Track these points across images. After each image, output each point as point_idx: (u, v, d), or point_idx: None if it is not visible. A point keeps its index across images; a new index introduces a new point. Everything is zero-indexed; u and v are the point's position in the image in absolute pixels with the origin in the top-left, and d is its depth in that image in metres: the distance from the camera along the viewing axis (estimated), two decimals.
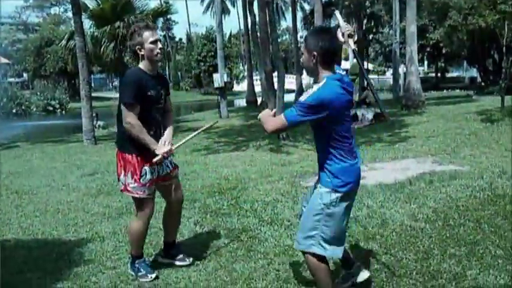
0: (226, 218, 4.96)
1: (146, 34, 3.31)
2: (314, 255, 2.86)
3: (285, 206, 5.36)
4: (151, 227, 4.12)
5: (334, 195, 2.85)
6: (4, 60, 52.36)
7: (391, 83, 28.29)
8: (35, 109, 30.82)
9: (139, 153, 3.40)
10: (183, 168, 7.79)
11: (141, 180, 3.40)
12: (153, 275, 3.54)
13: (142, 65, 3.40)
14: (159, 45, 3.39)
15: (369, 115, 14.31)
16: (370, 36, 27.56)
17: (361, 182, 6.11)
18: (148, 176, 3.42)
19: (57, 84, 39.16)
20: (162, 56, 3.45)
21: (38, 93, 33.29)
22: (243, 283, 3.41)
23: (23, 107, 30.33)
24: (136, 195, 3.45)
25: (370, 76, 48.70)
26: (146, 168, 3.41)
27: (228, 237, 4.40)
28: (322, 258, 2.90)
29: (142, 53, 3.33)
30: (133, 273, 3.59)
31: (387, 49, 38.47)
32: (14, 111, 29.41)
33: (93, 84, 51.22)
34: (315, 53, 2.75)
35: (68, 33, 19.46)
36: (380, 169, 7.22)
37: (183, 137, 3.84)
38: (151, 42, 3.33)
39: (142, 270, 3.55)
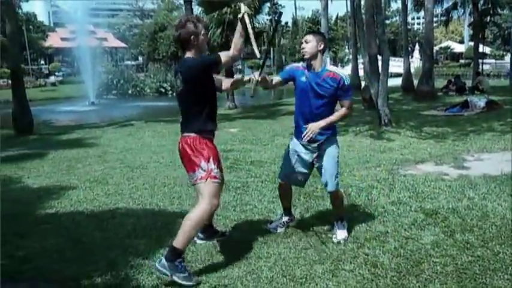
0: (319, 200, 5.05)
1: (200, 26, 3.41)
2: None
3: (380, 192, 5.32)
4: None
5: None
6: (122, 45, 56.41)
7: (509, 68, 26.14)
8: (148, 90, 32.82)
9: (213, 138, 3.52)
10: (281, 150, 7.99)
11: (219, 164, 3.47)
12: (196, 280, 3.28)
13: (190, 53, 3.41)
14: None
15: (481, 102, 13.48)
16: (487, 19, 25.52)
17: (464, 172, 6.02)
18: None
19: (169, 67, 41.37)
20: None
21: (152, 76, 35.41)
22: (330, 263, 3.50)
23: (138, 89, 32.42)
24: (218, 181, 3.40)
25: (487, 60, 45.35)
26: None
27: (319, 218, 4.50)
28: None
29: (195, 42, 3.38)
30: (168, 273, 3.20)
31: (506, 32, 35.52)
32: (129, 92, 31.56)
33: None
34: (322, 43, 3.77)
35: (179, 19, 20.40)
36: (487, 160, 6.87)
37: (283, 121, 4.03)
38: (204, 34, 3.46)
39: (185, 271, 3.24)
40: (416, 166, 6.68)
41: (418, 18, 74.29)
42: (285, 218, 4.29)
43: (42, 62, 56.64)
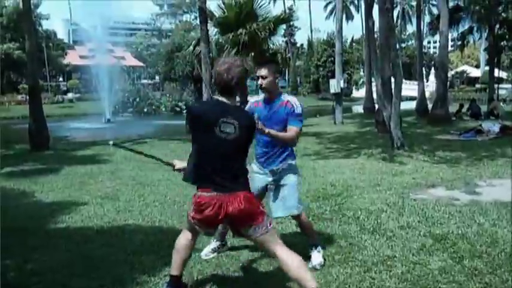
0: (328, 223, 5.05)
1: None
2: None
3: (390, 216, 5.30)
4: None
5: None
6: (139, 64, 57.20)
7: None
8: (164, 109, 33.16)
9: None
10: None
11: None
12: None
13: (232, 100, 3.13)
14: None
15: (495, 128, 13.40)
16: (503, 43, 25.46)
17: (475, 198, 5.96)
18: None
19: (184, 87, 41.78)
20: None
21: (167, 95, 35.80)
22: (336, 287, 3.49)
23: (154, 107, 32.80)
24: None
25: (504, 85, 45.03)
26: None
27: (327, 241, 4.47)
28: None
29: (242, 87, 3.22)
30: None
31: None
32: (145, 110, 31.93)
33: None
34: (276, 73, 3.83)
35: (195, 39, 20.73)
36: (499, 186, 6.80)
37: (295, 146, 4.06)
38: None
39: None
40: (427, 190, 6.64)
41: (435, 42, 74.30)
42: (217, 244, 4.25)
43: (61, 78, 57.57)
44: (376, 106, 18.48)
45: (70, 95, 44.33)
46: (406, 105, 23.83)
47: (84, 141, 16.01)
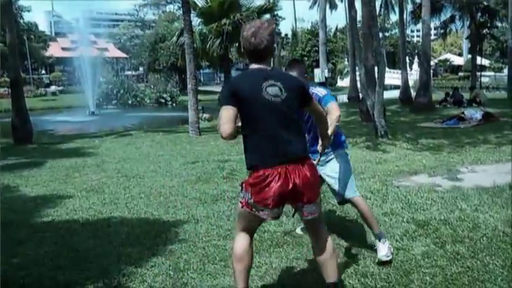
0: None
1: None
2: None
3: (374, 203, 5.37)
4: None
5: None
6: (122, 55, 56.65)
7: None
8: (148, 101, 32.91)
9: None
10: None
11: None
12: None
13: (266, 64, 2.92)
14: None
15: (478, 115, 13.57)
16: (484, 31, 25.73)
17: (457, 184, 6.06)
18: None
19: (169, 78, 41.50)
20: None
21: (152, 86, 35.51)
22: (320, 273, 3.53)
23: (138, 99, 32.53)
24: None
25: (487, 73, 45.51)
26: None
27: None
28: None
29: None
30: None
31: (504, 45, 35.71)
32: (129, 102, 31.65)
33: (201, 79, 53.69)
34: (306, 75, 3.85)
35: (178, 30, 20.62)
36: (480, 172, 6.92)
37: None
38: None
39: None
40: (410, 178, 6.73)
41: (418, 30, 74.68)
42: None
43: (43, 71, 56.83)
44: (361, 95, 18.60)
45: (53, 88, 43.73)
46: (389, 94, 24.02)
47: (68, 135, 15.90)
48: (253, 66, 2.83)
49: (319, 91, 3.74)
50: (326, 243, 2.95)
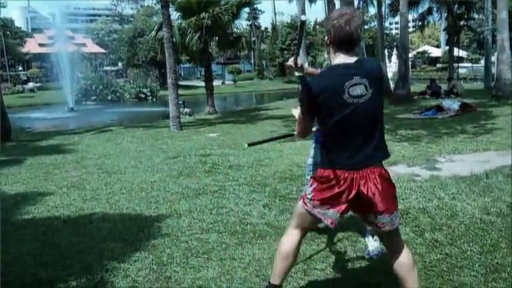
0: (294, 202, 5.13)
1: None
2: None
3: None
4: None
5: None
6: (101, 50, 55.97)
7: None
8: (128, 96, 32.65)
9: None
10: (259, 154, 8.10)
11: None
12: None
13: (351, 55, 2.66)
14: None
15: (455, 105, 13.79)
16: (461, 23, 26.11)
17: (435, 173, 6.16)
18: None
19: (148, 72, 41.21)
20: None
21: (131, 82, 35.25)
22: (303, 263, 3.58)
23: (118, 94, 32.27)
24: None
25: (464, 64, 46.18)
26: None
27: None
28: None
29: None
30: None
31: (481, 36, 36.27)
32: (109, 97, 31.39)
33: (182, 73, 53.41)
34: None
35: (157, 24, 20.47)
36: (458, 161, 7.05)
37: (263, 126, 4.04)
38: None
39: None
40: (389, 168, 6.70)
41: (396, 23, 75.38)
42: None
43: (20, 68, 55.84)
44: None
45: (31, 85, 43.10)
46: None
47: (47, 132, 15.71)
48: (339, 59, 2.61)
49: None
50: (405, 257, 2.76)
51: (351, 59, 2.57)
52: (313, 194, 2.64)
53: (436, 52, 64.32)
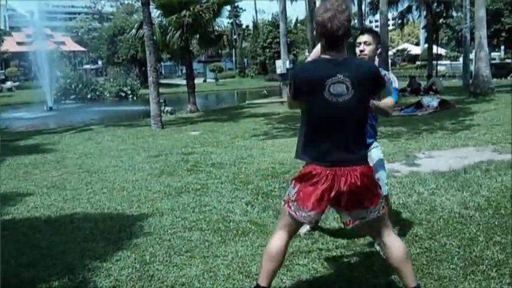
0: (276, 199, 5.17)
1: None
2: None
3: None
4: None
5: None
6: (80, 48, 55.29)
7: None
8: (108, 95, 32.32)
9: None
10: (241, 152, 8.12)
11: None
12: None
13: (338, 51, 2.65)
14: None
15: (434, 102, 14.00)
16: (440, 21, 26.51)
17: (415, 169, 6.25)
18: None
19: (129, 71, 40.86)
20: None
21: (111, 80, 34.90)
22: (286, 259, 3.59)
23: (97, 93, 31.91)
24: None
25: (443, 62, 46.77)
26: None
27: (276, 217, 4.59)
28: None
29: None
30: None
31: (459, 34, 36.80)
32: (88, 96, 31.03)
33: (163, 71, 53.05)
34: (379, 45, 3.61)
35: (138, 22, 20.32)
36: (437, 157, 7.16)
37: (245, 124, 4.04)
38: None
39: None
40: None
41: (376, 21, 75.98)
42: None
43: None
44: None
45: (9, 84, 42.37)
46: None
47: (26, 131, 15.49)
48: (325, 53, 2.59)
49: (394, 79, 3.65)
50: (395, 244, 2.74)
51: (338, 56, 2.54)
52: (296, 196, 2.64)
53: (415, 50, 65.01)
